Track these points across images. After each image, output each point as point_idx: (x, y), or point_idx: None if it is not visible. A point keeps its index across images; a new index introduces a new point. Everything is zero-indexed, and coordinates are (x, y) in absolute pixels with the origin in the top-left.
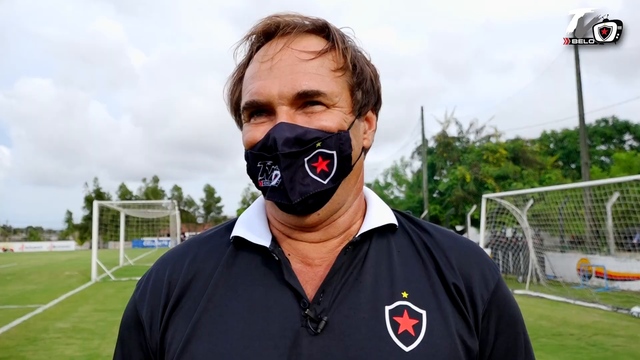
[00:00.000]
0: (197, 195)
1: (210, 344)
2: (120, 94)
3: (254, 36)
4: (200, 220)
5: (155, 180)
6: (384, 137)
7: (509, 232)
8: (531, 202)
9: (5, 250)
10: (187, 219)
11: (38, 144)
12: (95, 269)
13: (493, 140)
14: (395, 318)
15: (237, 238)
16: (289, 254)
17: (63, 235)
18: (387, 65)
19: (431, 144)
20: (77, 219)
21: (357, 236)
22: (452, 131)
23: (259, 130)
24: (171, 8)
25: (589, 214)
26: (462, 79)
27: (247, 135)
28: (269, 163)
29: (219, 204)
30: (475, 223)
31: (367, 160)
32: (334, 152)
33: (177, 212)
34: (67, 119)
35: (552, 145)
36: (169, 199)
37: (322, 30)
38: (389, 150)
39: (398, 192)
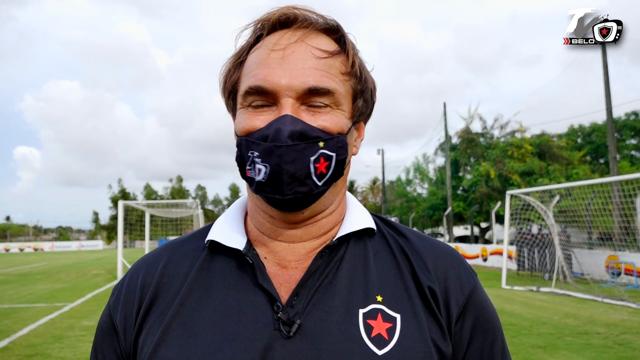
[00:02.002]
0: (223, 194)
1: (180, 348)
2: (145, 94)
3: (266, 23)
4: None
5: (180, 180)
6: (407, 133)
7: (534, 229)
8: (557, 198)
9: (36, 249)
10: (213, 217)
11: (67, 146)
12: (121, 268)
13: (518, 135)
14: (368, 321)
15: (212, 242)
16: (265, 257)
17: (91, 235)
18: (411, 61)
19: (455, 140)
20: (105, 218)
21: (334, 240)
22: (476, 127)
23: (259, 118)
24: (194, 9)
25: (617, 209)
26: (488, 73)
27: (246, 122)
28: (256, 154)
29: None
30: (500, 220)
31: (390, 157)
32: (334, 155)
33: (200, 211)
34: (94, 121)
35: (579, 140)
36: (193, 198)
37: (334, 31)
38: (413, 147)
39: (421, 189)
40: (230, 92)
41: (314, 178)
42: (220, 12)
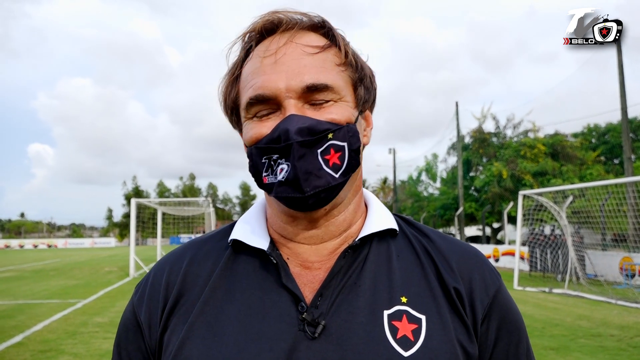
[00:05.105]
0: (233, 192)
1: (205, 346)
2: (157, 92)
3: (253, 33)
4: (236, 217)
5: (192, 177)
6: (421, 131)
7: (547, 230)
8: (571, 198)
9: (49, 246)
10: (223, 216)
11: (80, 143)
12: (133, 265)
13: (531, 135)
14: (394, 322)
15: (235, 241)
16: (287, 258)
17: (104, 232)
18: (425, 58)
19: (467, 139)
20: (118, 216)
21: (357, 240)
22: (489, 126)
23: (265, 126)
24: (204, 6)
25: (632, 210)
26: (502, 71)
27: (253, 131)
28: (274, 157)
29: (254, 202)
30: (512, 220)
31: (402, 156)
32: (345, 145)
33: (211, 210)
34: (107, 118)
35: (594, 140)
36: (205, 197)
37: (321, 27)
38: (425, 145)
39: (432, 189)
40: (232, 109)
41: (328, 170)
42: (232, 9)
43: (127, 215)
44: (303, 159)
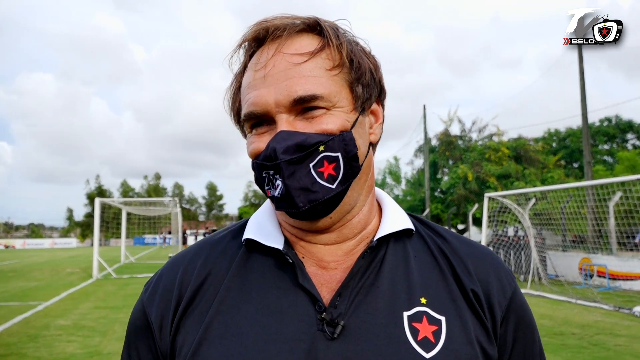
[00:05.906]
0: (199, 192)
1: (223, 347)
2: (122, 89)
3: (246, 43)
4: (202, 217)
5: (157, 177)
6: (388, 134)
7: (510, 231)
8: (533, 201)
9: (7, 247)
10: (189, 216)
11: (39, 140)
12: (96, 266)
13: (495, 139)
14: (414, 324)
15: (248, 240)
16: (303, 257)
17: (65, 232)
18: (392, 62)
19: (434, 142)
20: (79, 216)
21: (374, 240)
22: (455, 129)
23: (262, 140)
24: (171, 3)
25: (591, 213)
26: (468, 75)
27: (252, 146)
28: (271, 173)
29: (220, 202)
30: (477, 222)
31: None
32: (339, 154)
33: (178, 210)
34: (68, 115)
35: (554, 144)
36: (170, 197)
37: (314, 28)
38: (392, 148)
39: (397, 191)
40: (239, 120)
41: (322, 182)
42: (200, 7)
43: (89, 215)
44: (293, 176)
